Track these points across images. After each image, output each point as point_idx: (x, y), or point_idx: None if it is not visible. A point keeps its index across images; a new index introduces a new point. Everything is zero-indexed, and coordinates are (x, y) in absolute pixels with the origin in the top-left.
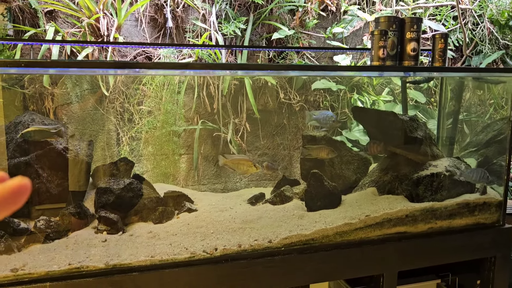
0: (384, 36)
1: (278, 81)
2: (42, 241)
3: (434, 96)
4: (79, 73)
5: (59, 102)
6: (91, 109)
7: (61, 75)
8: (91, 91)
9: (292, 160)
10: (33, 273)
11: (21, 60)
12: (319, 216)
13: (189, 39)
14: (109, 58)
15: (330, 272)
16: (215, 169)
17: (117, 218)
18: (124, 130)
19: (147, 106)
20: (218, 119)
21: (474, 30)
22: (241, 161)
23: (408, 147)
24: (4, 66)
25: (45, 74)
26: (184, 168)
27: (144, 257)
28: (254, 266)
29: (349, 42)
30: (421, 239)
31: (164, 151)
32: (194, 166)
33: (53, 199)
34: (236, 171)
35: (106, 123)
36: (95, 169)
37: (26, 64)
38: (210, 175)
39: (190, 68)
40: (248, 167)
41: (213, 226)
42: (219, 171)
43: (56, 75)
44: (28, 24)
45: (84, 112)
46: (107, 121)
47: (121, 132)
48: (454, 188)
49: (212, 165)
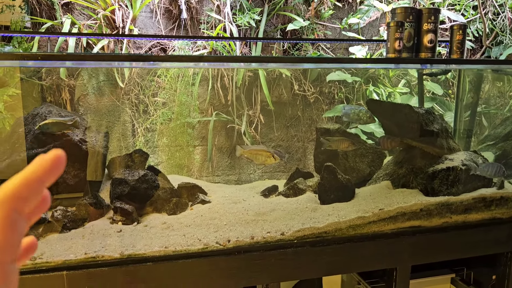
0: (400, 27)
1: (292, 72)
2: (59, 231)
3: (452, 88)
4: (95, 65)
5: (76, 93)
6: (107, 101)
7: (77, 67)
8: (107, 83)
9: (306, 152)
10: (51, 262)
11: (38, 53)
12: (332, 209)
13: (204, 30)
14: (124, 50)
15: (342, 265)
16: (229, 161)
17: (132, 209)
18: (139, 121)
19: (162, 98)
20: (232, 111)
21: (494, 20)
22: (259, 152)
23: (423, 140)
24: (22, 59)
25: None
26: (198, 159)
27: (158, 247)
28: (267, 258)
29: (365, 33)
30: (436, 234)
31: (179, 143)
32: (208, 157)
33: (70, 189)
34: (253, 162)
35: (122, 115)
36: (110, 160)
37: (42, 57)
38: (224, 166)
39: (204, 61)
40: (266, 157)
41: (226, 218)
42: (233, 163)
43: (73, 67)
44: (45, 16)
45: (100, 103)
46: (123, 112)
47: (136, 123)
48: (471, 182)
49: (226, 157)
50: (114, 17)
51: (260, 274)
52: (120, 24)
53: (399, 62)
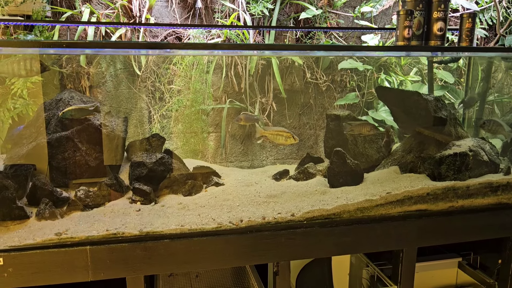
0: (409, 16)
1: (305, 61)
2: (82, 209)
3: (463, 76)
4: (114, 53)
5: (94, 81)
6: (124, 87)
7: (96, 55)
8: (124, 71)
9: (317, 140)
10: (75, 237)
11: (63, 41)
12: (341, 192)
13: (218, 19)
14: (141, 38)
15: (350, 246)
16: (242, 147)
17: (149, 190)
18: (155, 108)
19: (177, 85)
20: (245, 98)
21: (508, 8)
22: (280, 132)
23: (431, 126)
24: (48, 47)
25: (81, 54)
26: (212, 145)
27: (174, 226)
28: (277, 238)
29: (378, 22)
30: (442, 217)
31: (193, 129)
32: (221, 144)
33: (91, 171)
34: (274, 142)
35: (139, 102)
36: (129, 144)
37: (67, 45)
38: (237, 153)
39: (218, 48)
40: (286, 138)
41: (239, 200)
42: (246, 149)
43: (91, 55)
44: (65, 5)
45: (118, 90)
46: (139, 99)
47: (152, 110)
48: (477, 168)
49: (239, 143)
50: (131, 6)
51: (271, 253)
52: (137, 13)
53: (408, 50)
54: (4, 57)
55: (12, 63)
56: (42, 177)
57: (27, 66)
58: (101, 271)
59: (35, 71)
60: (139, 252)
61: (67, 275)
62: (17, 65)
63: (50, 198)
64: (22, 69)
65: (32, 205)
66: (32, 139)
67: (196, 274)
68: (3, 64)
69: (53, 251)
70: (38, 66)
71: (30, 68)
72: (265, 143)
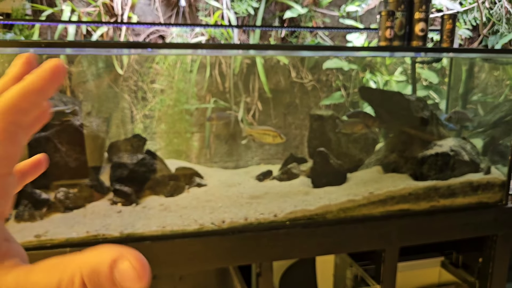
0: (391, 16)
1: (290, 60)
2: (62, 211)
3: (447, 76)
4: (94, 53)
5: (76, 80)
6: (106, 87)
7: (77, 54)
8: (106, 70)
9: (303, 140)
10: (54, 239)
11: (41, 41)
12: (324, 192)
13: (202, 18)
14: (123, 37)
15: (332, 246)
16: (227, 148)
17: (130, 191)
18: (137, 108)
19: (160, 85)
20: (230, 98)
21: (491, 10)
22: (266, 131)
23: (413, 126)
24: (26, 47)
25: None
26: (196, 146)
27: (156, 227)
28: (260, 239)
29: (364, 20)
30: (424, 217)
31: (177, 129)
32: (206, 144)
33: (71, 172)
34: (261, 141)
35: (120, 101)
36: (110, 144)
37: (46, 45)
38: (222, 153)
39: (201, 48)
40: (273, 137)
41: (221, 200)
42: (231, 150)
43: (73, 54)
44: (45, 3)
45: (99, 90)
46: (121, 99)
47: (134, 110)
48: (458, 167)
49: (224, 143)
50: (113, 4)
51: (253, 254)
52: (119, 11)
53: (389, 50)
54: None
55: None
56: None
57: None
58: None
59: None
60: None
61: None
62: (2, 66)
63: (29, 199)
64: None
65: None
66: None
67: (179, 276)
68: None
69: (33, 253)
70: None
71: None
72: (250, 143)
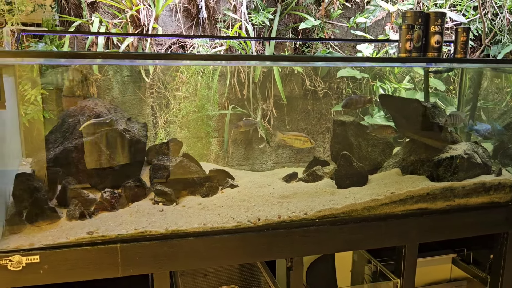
0: (410, 30)
1: (304, 69)
2: (108, 210)
3: (452, 84)
4: (120, 63)
5: (107, 87)
6: (130, 94)
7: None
8: (134, 78)
9: (316, 144)
10: (106, 236)
11: (94, 52)
12: (349, 192)
13: (222, 29)
14: (148, 47)
15: (358, 242)
16: (243, 152)
17: (170, 191)
18: (162, 114)
19: (183, 93)
20: (247, 105)
21: (493, 21)
22: (298, 137)
23: (430, 131)
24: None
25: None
26: (215, 150)
27: (197, 224)
28: (292, 235)
29: (371, 31)
30: (440, 215)
31: (199, 134)
32: (225, 148)
33: (115, 173)
34: (292, 146)
35: (148, 108)
36: (149, 148)
37: (103, 56)
38: (238, 157)
39: (221, 59)
40: (304, 142)
41: (254, 200)
42: (247, 154)
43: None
44: (73, 14)
45: (124, 97)
46: (148, 105)
47: (159, 116)
48: (472, 169)
49: (241, 148)
50: (138, 15)
51: (287, 249)
52: (146, 22)
53: (409, 61)
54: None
55: (56, 74)
56: (71, 179)
57: (69, 76)
58: (130, 268)
59: (77, 80)
60: (165, 249)
61: (99, 271)
62: (61, 76)
63: (78, 199)
64: (65, 79)
65: (61, 206)
66: (58, 143)
67: (204, 273)
68: (49, 75)
69: (86, 248)
70: (80, 76)
71: (72, 78)
72: (265, 148)
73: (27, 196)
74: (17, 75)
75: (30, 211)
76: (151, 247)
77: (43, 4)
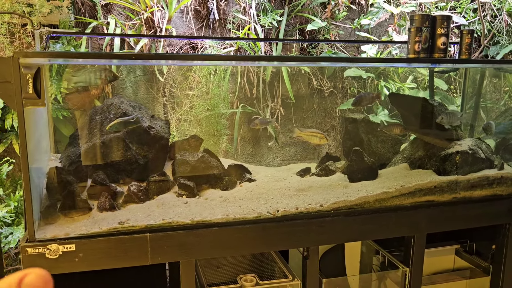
0: (419, 32)
1: (310, 69)
2: (136, 202)
3: (453, 83)
4: (135, 63)
5: (124, 87)
6: (143, 93)
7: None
8: (143, 77)
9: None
10: (136, 226)
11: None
12: (361, 186)
13: (233, 30)
14: (161, 48)
15: (370, 232)
16: (251, 149)
17: (193, 185)
18: (176, 112)
19: (195, 91)
20: (256, 104)
21: (492, 22)
22: (314, 133)
23: (437, 128)
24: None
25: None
26: (224, 147)
27: (220, 215)
28: (309, 225)
29: (374, 33)
30: (447, 207)
31: (212, 131)
32: (234, 145)
33: (140, 168)
34: (309, 142)
35: (162, 106)
36: (171, 144)
37: (136, 57)
38: (246, 154)
39: (232, 59)
40: (320, 138)
41: (272, 193)
42: (255, 151)
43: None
44: (88, 15)
45: (146, 95)
46: (161, 104)
47: (172, 114)
48: (476, 164)
49: (249, 145)
50: (152, 17)
51: (304, 238)
52: (160, 24)
53: (418, 62)
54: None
55: (89, 73)
56: (100, 173)
57: (102, 75)
58: (158, 256)
59: (108, 80)
60: (192, 239)
61: (129, 259)
62: (94, 75)
63: (108, 192)
64: (98, 78)
65: (92, 199)
66: (87, 139)
67: (216, 265)
68: (81, 74)
69: (118, 238)
70: (111, 75)
71: (104, 77)
72: (274, 145)
73: (60, 189)
74: (47, 74)
75: (63, 203)
76: (178, 237)
77: (60, 6)
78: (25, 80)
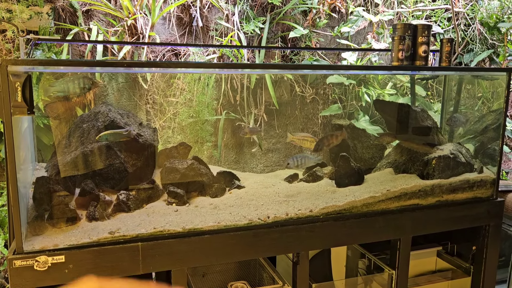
0: (403, 40)
1: (293, 75)
2: (126, 211)
3: (430, 89)
4: (115, 71)
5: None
6: (125, 100)
7: None
8: (125, 85)
9: (302, 148)
10: (127, 235)
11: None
12: (349, 191)
13: (215, 37)
14: (144, 54)
15: (359, 236)
16: (234, 156)
17: (183, 193)
18: (158, 119)
19: (182, 98)
20: (240, 110)
21: (466, 31)
22: (306, 138)
23: (420, 133)
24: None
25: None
26: (208, 153)
27: (212, 223)
28: (300, 231)
29: (354, 40)
30: (431, 210)
31: (197, 138)
32: (219, 152)
33: (129, 176)
34: (301, 146)
35: (146, 114)
36: (159, 151)
37: (128, 65)
38: (230, 161)
39: (216, 67)
40: (311, 142)
41: (262, 199)
42: (238, 158)
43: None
44: (68, 22)
45: (130, 103)
46: (144, 111)
47: (156, 121)
48: (457, 167)
49: (232, 152)
50: (135, 24)
51: (295, 243)
52: (143, 31)
53: (402, 70)
54: None
55: (67, 82)
56: (89, 181)
57: (81, 84)
58: (150, 265)
59: (87, 88)
60: (184, 247)
61: (121, 269)
62: (72, 83)
63: (96, 201)
64: (76, 87)
65: (80, 208)
66: (74, 148)
67: (202, 273)
68: (60, 83)
69: (108, 248)
70: (90, 83)
71: (83, 86)
72: (257, 152)
73: (48, 199)
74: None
75: (51, 213)
76: (169, 245)
77: (40, 12)
78: (13, 88)
